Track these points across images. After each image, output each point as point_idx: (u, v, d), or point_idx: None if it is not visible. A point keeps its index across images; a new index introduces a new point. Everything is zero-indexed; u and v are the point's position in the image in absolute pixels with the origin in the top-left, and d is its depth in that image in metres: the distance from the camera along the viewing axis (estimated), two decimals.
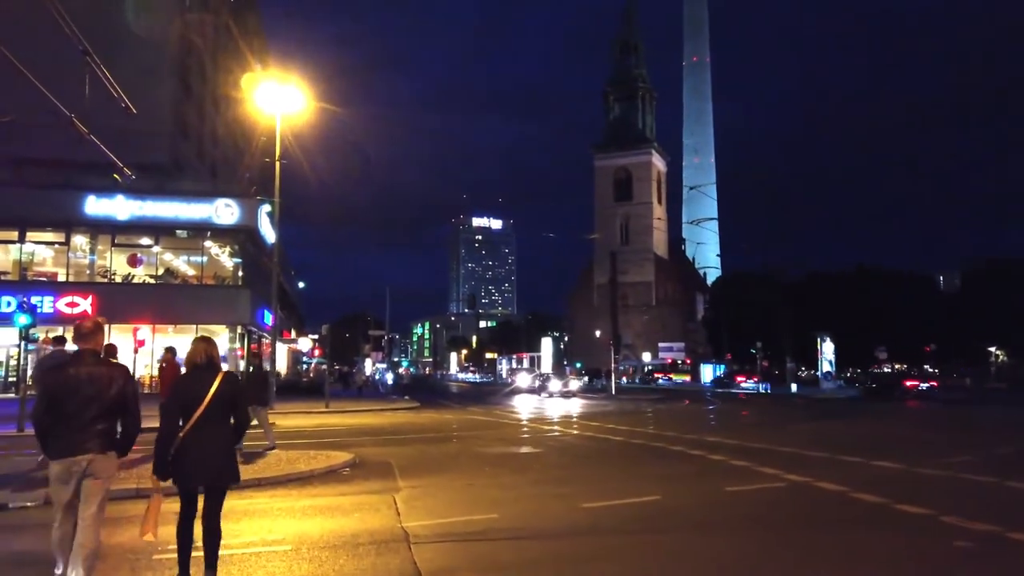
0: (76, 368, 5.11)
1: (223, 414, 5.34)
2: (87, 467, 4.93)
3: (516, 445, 15.21)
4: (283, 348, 62.53)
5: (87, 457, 4.94)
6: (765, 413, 27.94)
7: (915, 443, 16.53)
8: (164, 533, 5.53)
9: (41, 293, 35.36)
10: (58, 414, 4.98)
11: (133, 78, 42.87)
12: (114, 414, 5.14)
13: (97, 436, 5.00)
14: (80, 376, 5.05)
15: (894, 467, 11.77)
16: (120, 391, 5.13)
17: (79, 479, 4.91)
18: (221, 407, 5.29)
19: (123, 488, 8.84)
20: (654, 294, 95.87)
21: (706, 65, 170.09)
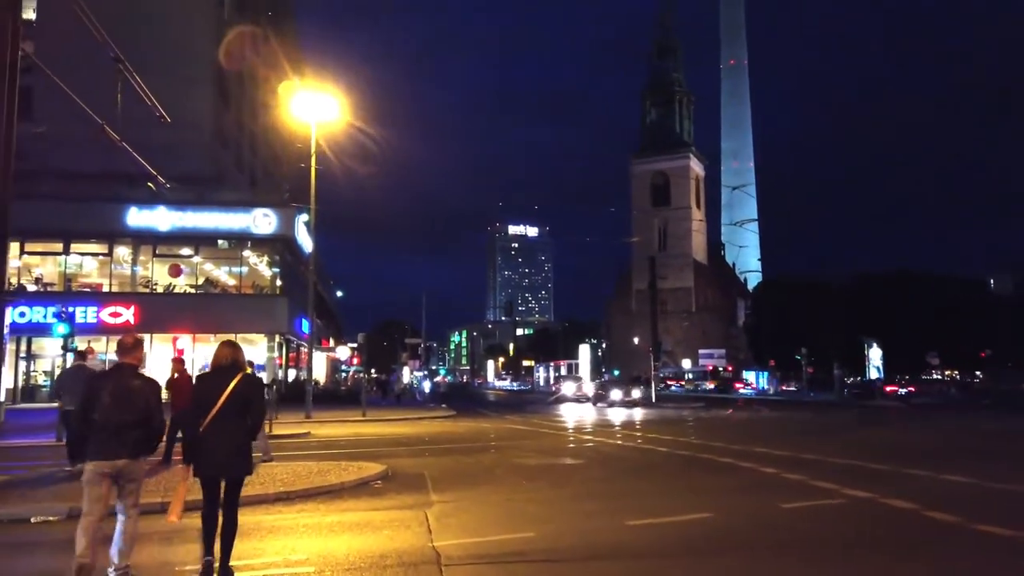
0: (116, 380, 5.69)
1: (240, 411, 5.73)
2: (119, 471, 5.53)
3: (556, 456, 14.64)
4: (322, 357, 62.83)
5: (119, 463, 5.52)
6: (788, 421, 26.90)
7: (981, 454, 15.55)
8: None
9: (85, 304, 35.96)
10: (95, 421, 5.53)
11: (172, 90, 43.57)
12: (144, 424, 5.67)
13: (129, 444, 5.56)
14: (119, 388, 5.62)
15: (963, 481, 10.93)
16: (145, 408, 5.69)
17: (110, 479, 5.51)
18: (238, 405, 5.70)
19: (148, 502, 8.53)
20: (694, 300, 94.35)
21: (744, 68, 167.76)
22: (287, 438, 18.95)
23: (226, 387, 5.73)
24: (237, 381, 5.77)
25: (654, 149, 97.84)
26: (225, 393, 5.69)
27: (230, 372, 5.85)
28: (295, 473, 10.86)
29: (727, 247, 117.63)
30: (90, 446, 5.56)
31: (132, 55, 42.68)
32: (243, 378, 5.86)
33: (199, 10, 45.49)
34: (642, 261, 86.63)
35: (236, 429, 5.72)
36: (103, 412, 5.53)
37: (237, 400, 5.71)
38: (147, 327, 35.83)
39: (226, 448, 5.64)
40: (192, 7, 44.94)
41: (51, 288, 37.20)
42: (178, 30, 43.33)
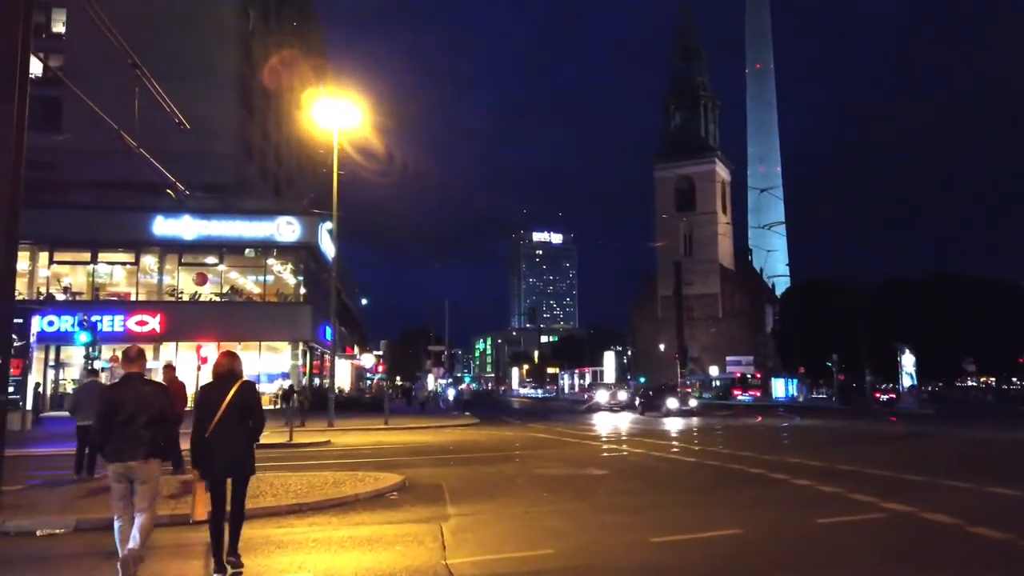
0: (125, 389, 6.17)
1: (241, 416, 6.16)
2: (132, 472, 5.92)
3: (579, 466, 14.21)
4: (346, 364, 62.96)
5: (133, 464, 5.91)
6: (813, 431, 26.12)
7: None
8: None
9: (112, 312, 36.30)
10: (111, 427, 5.97)
11: (197, 100, 44.06)
12: (155, 426, 6.08)
13: (142, 445, 5.93)
14: (128, 396, 6.06)
15: (1009, 494, 10.35)
16: (160, 408, 6.16)
17: (129, 479, 5.92)
18: (238, 410, 6.13)
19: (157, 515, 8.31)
20: (720, 306, 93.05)
21: (770, 72, 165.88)
22: (307, 446, 18.76)
23: (227, 395, 6.14)
24: (236, 388, 6.20)
25: (678, 154, 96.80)
26: (226, 400, 6.11)
27: (229, 380, 6.26)
28: (310, 484, 10.59)
29: (754, 252, 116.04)
30: (108, 450, 5.99)
31: (157, 65, 42.92)
32: (241, 385, 6.27)
33: (224, 21, 45.93)
34: (667, 267, 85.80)
35: (238, 433, 6.18)
36: (116, 418, 5.98)
37: (237, 406, 6.15)
38: (173, 335, 36.12)
39: (230, 451, 6.14)
40: (217, 18, 45.37)
41: (79, 297, 37.58)
42: (203, 41, 43.77)
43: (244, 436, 6.22)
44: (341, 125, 30.92)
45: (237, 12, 46.80)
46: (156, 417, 6.05)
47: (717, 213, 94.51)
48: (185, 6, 43.23)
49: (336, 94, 32.17)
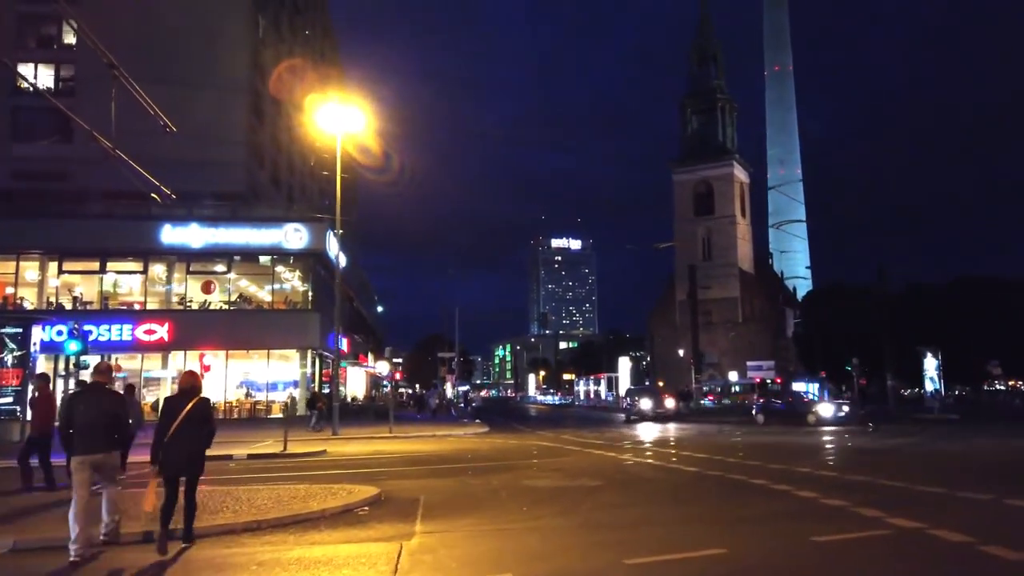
0: (88, 395, 7.71)
1: (197, 424, 7.46)
2: (98, 464, 7.33)
3: (573, 477, 13.55)
4: (360, 372, 62.66)
5: (96, 457, 7.30)
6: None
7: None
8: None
9: (120, 321, 36.20)
10: (74, 424, 7.35)
11: (207, 109, 44.24)
12: (113, 426, 7.48)
13: (102, 441, 7.35)
14: (89, 400, 7.56)
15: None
16: (115, 412, 7.57)
17: (91, 468, 7.26)
18: (194, 420, 7.43)
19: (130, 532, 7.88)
20: (740, 310, 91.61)
21: (789, 74, 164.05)
22: (301, 457, 18.29)
23: (186, 406, 7.45)
24: (195, 402, 7.52)
25: (696, 157, 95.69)
26: (185, 410, 7.40)
27: (190, 394, 7.60)
28: (278, 498, 10.05)
29: (775, 255, 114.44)
30: (76, 445, 7.33)
31: (168, 74, 43.15)
32: (199, 399, 7.60)
33: (234, 29, 45.99)
34: (684, 272, 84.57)
35: (193, 439, 7.44)
36: (81, 418, 7.34)
37: (195, 417, 7.44)
38: (181, 344, 35.94)
39: (184, 453, 7.37)
40: (227, 26, 45.45)
41: (90, 307, 37.56)
42: (213, 49, 43.85)
43: (197, 442, 7.49)
44: (345, 130, 30.65)
45: (247, 20, 46.86)
46: (113, 420, 7.47)
47: (736, 216, 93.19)
48: (194, 15, 43.35)
49: (343, 100, 31.92)
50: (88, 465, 7.22)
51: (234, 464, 16.89)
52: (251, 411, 37.47)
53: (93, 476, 7.31)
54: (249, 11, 47.04)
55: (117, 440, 7.54)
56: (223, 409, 37.05)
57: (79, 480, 7.19)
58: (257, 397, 38.41)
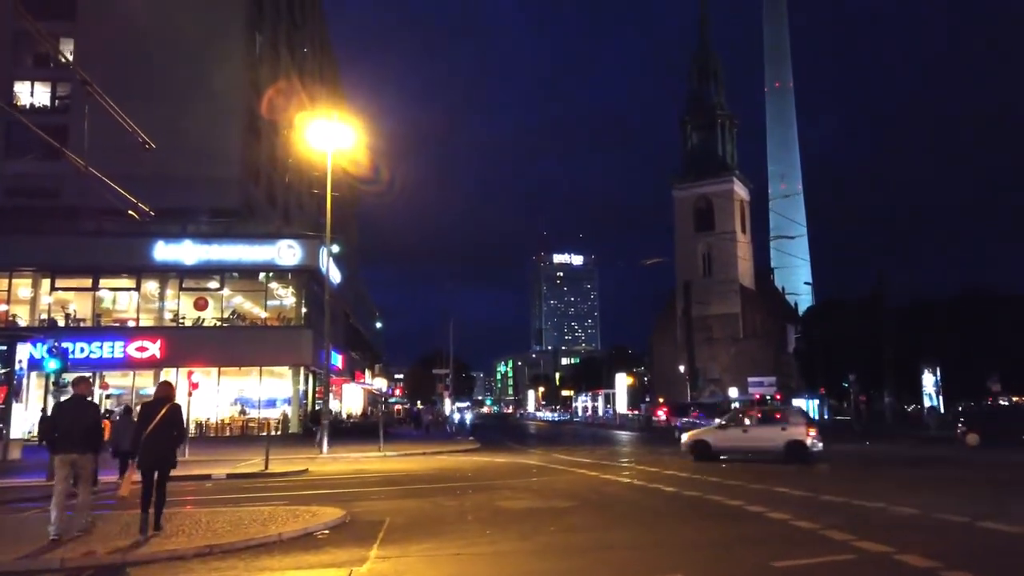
0: (70, 405, 9.26)
1: (168, 427, 9.14)
2: (75, 462, 8.92)
3: (548, 498, 13.35)
4: (357, 389, 62.44)
5: (73, 456, 8.90)
6: None
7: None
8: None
9: (112, 339, 36.10)
10: (57, 429, 8.97)
11: (203, 125, 44.36)
12: (90, 431, 9.12)
13: (80, 443, 8.93)
14: (70, 409, 9.16)
15: (1005, 530, 9.34)
16: (93, 420, 9.33)
17: (69, 466, 8.87)
18: (166, 424, 9.10)
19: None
20: (741, 326, 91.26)
21: (789, 90, 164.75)
22: (280, 476, 18.09)
23: (160, 411, 9.11)
24: (167, 408, 9.21)
25: (696, 173, 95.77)
26: (159, 416, 9.07)
27: (164, 402, 9.32)
28: (238, 521, 9.87)
29: (776, 271, 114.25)
30: (57, 446, 8.94)
31: (164, 91, 43.18)
32: (171, 406, 9.30)
33: (231, 47, 46.20)
34: (683, 288, 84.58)
35: (166, 439, 9.14)
36: (61, 424, 8.99)
37: (167, 421, 9.13)
38: (173, 361, 35.74)
39: (158, 451, 9.05)
40: (224, 44, 45.67)
41: (82, 323, 37.50)
42: (209, 67, 43.99)
43: (168, 442, 9.16)
44: (336, 147, 30.70)
45: (244, 37, 47.05)
46: (90, 426, 9.15)
47: (736, 232, 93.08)
48: (191, 33, 43.53)
49: (342, 116, 32.00)
50: (67, 463, 8.86)
51: (211, 484, 16.71)
52: (243, 428, 37.22)
53: (71, 472, 8.93)
54: (246, 28, 47.28)
55: (92, 444, 9.14)
56: (215, 427, 36.89)
57: (60, 475, 8.92)
58: (251, 414, 38.22)
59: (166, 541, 8.47)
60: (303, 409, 38.87)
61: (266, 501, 12.86)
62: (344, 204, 78.23)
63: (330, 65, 77.58)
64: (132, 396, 35.69)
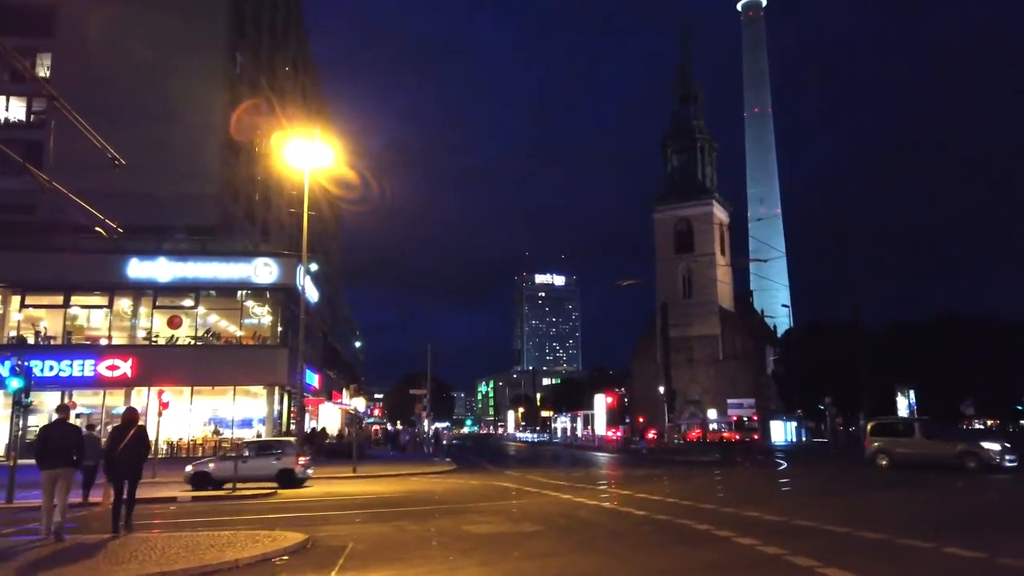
0: (56, 427, 11.19)
1: (136, 446, 11.26)
2: (59, 475, 10.72)
3: (516, 522, 13.18)
4: (335, 409, 61.78)
5: (59, 471, 10.77)
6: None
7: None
8: None
9: (83, 357, 35.51)
10: (46, 448, 10.86)
11: (183, 142, 44.07)
12: (72, 449, 11.02)
13: (64, 460, 10.84)
14: (57, 431, 11.10)
15: (968, 555, 9.32)
16: (75, 439, 11.24)
17: (55, 480, 10.67)
18: (134, 444, 11.22)
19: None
20: (721, 348, 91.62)
21: (768, 115, 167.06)
22: (248, 499, 17.76)
23: (129, 432, 11.17)
24: (135, 430, 11.26)
25: (677, 196, 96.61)
26: (128, 436, 11.13)
27: (131, 425, 11.29)
28: (194, 546, 9.64)
29: (755, 293, 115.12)
30: (46, 462, 10.76)
31: (143, 108, 42.77)
32: (138, 427, 11.41)
33: (212, 65, 46.08)
34: (666, 308, 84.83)
35: (134, 456, 11.25)
36: (49, 443, 10.88)
37: (134, 442, 11.21)
38: (145, 380, 35.21)
39: (127, 466, 11.17)
40: (205, 62, 45.53)
41: (53, 341, 36.87)
42: (188, 84, 43.82)
43: (136, 457, 11.29)
44: (314, 165, 30.56)
45: (225, 56, 46.99)
46: (71, 446, 10.98)
47: (715, 254, 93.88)
48: (172, 50, 43.39)
49: (324, 136, 31.98)
50: (52, 476, 10.68)
51: (175, 507, 16.37)
52: (216, 449, 36.58)
53: (55, 484, 10.67)
54: (227, 46, 47.23)
55: (73, 460, 10.98)
56: (187, 447, 36.26)
57: (46, 488, 10.73)
58: (225, 434, 37.62)
59: (116, 568, 8.23)
60: (277, 429, 38.31)
61: (229, 525, 12.60)
62: (327, 223, 78.03)
63: (313, 85, 77.64)
64: (102, 415, 35.07)
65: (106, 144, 14.93)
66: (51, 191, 13.98)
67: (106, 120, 23.91)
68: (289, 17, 65.35)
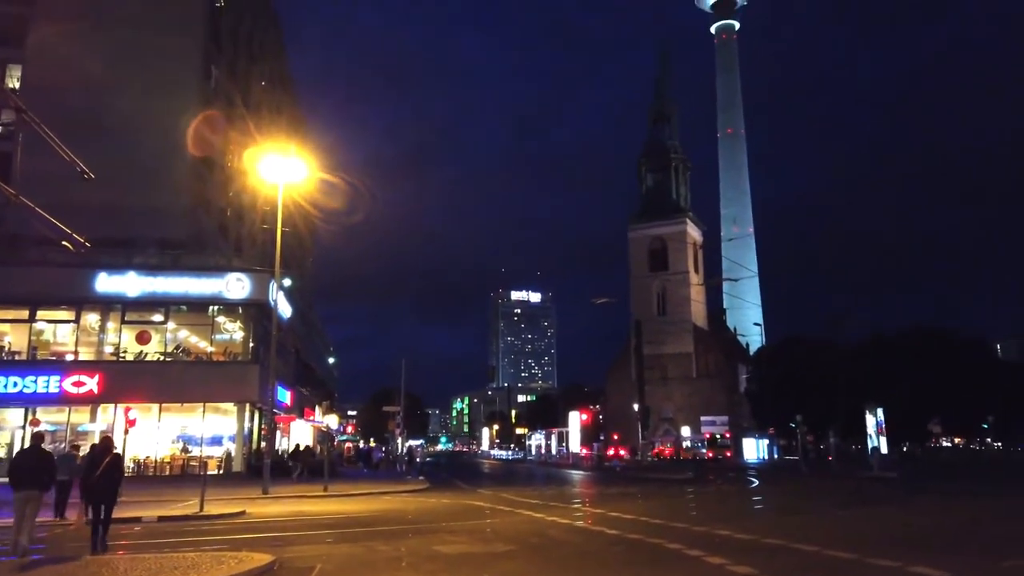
0: (30, 452, 11.98)
1: (111, 471, 11.84)
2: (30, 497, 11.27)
3: (488, 542, 13.10)
4: (307, 426, 61.02)
5: (30, 493, 11.31)
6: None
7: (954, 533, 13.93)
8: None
9: (48, 373, 34.74)
10: (20, 472, 11.49)
11: (155, 156, 43.55)
12: (42, 473, 11.65)
13: (35, 483, 11.37)
14: (31, 456, 11.84)
15: (934, 574, 9.44)
16: (45, 464, 11.88)
17: (27, 501, 11.22)
18: (109, 470, 11.82)
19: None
20: (694, 366, 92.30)
21: (741, 136, 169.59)
22: (215, 519, 17.42)
23: (105, 459, 11.85)
24: (110, 457, 11.99)
25: (651, 215, 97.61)
26: (104, 463, 11.77)
27: (107, 452, 12.07)
28: (156, 569, 9.44)
29: (728, 312, 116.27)
30: (18, 485, 11.27)
31: (116, 121, 42.17)
32: (113, 455, 12.15)
33: (186, 79, 45.68)
34: (640, 326, 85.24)
35: (110, 481, 11.82)
36: (22, 467, 11.55)
37: (110, 466, 11.84)
38: (111, 396, 34.49)
39: (103, 490, 11.74)
40: (178, 76, 45.13)
41: (17, 356, 36.06)
42: (163, 98, 43.41)
43: (111, 482, 11.85)
44: (290, 180, 30.44)
45: (199, 70, 46.62)
46: (41, 471, 11.61)
47: (689, 273, 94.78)
48: (145, 63, 42.99)
49: (291, 150, 31.68)
50: (24, 498, 11.21)
51: (140, 528, 16.02)
52: (184, 467, 35.90)
53: (26, 505, 11.21)
54: (202, 60, 46.86)
55: (43, 483, 11.59)
56: (154, 465, 35.54)
57: (18, 508, 11.26)
58: (193, 452, 36.94)
59: None
60: (247, 447, 37.75)
61: (194, 546, 12.37)
62: (301, 238, 77.41)
63: (289, 100, 77.34)
64: (67, 432, 34.31)
65: (75, 157, 14.77)
66: (18, 204, 13.71)
67: (77, 133, 23.67)
68: (267, 31, 65.18)
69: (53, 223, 15.50)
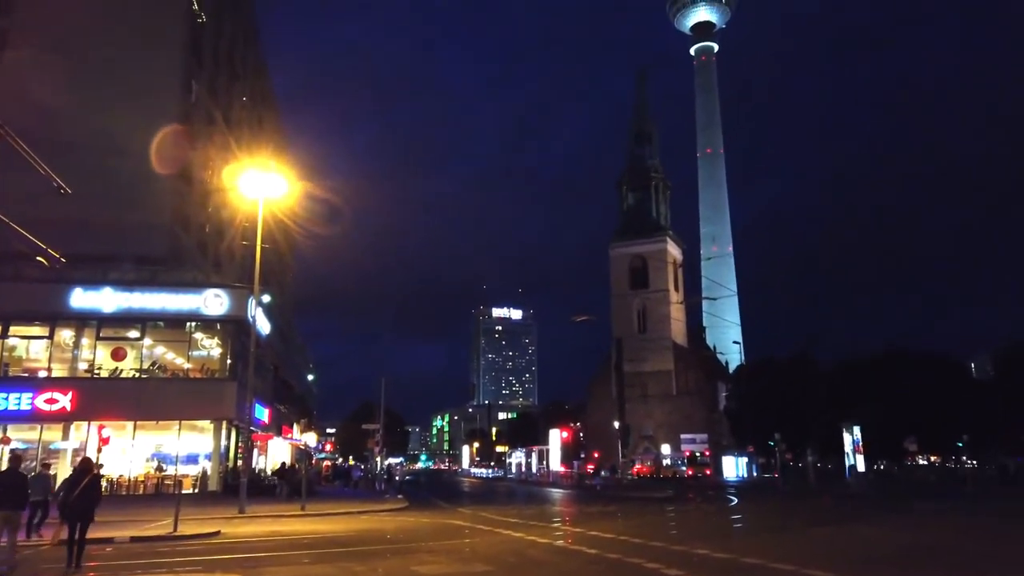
0: (7, 474, 12.61)
1: (89, 491, 12.36)
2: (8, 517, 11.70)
3: (466, 562, 13.00)
4: (284, 444, 60.34)
5: (9, 513, 11.76)
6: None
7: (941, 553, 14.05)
8: None
9: (19, 390, 34.16)
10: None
11: (134, 172, 43.18)
12: (16, 493, 12.11)
13: (10, 503, 11.80)
14: (8, 478, 12.35)
15: None
16: (19, 485, 12.33)
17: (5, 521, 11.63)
18: (87, 490, 12.32)
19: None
20: (674, 383, 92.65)
21: (720, 156, 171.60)
22: (188, 540, 17.13)
23: (84, 480, 12.31)
24: (90, 477, 12.43)
25: (631, 233, 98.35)
26: (83, 483, 12.24)
27: (86, 473, 12.53)
28: None
29: (708, 330, 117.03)
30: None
31: (94, 136, 41.86)
32: (92, 475, 12.60)
33: (166, 94, 45.45)
34: (621, 344, 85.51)
35: (87, 501, 12.27)
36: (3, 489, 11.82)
37: (88, 487, 12.32)
38: (85, 414, 33.93)
39: (81, 510, 12.12)
40: (158, 91, 44.89)
41: None
42: (142, 113, 43.12)
43: (89, 502, 12.26)
44: (269, 196, 30.33)
45: (179, 85, 46.42)
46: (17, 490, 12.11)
47: (669, 291, 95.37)
48: (124, 78, 42.71)
49: (271, 166, 31.56)
50: (3, 518, 11.57)
51: (112, 549, 15.70)
52: (159, 486, 35.30)
53: (5, 524, 11.63)
54: (182, 76, 46.70)
55: (20, 504, 12.17)
56: (128, 484, 34.93)
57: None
58: (169, 471, 36.36)
59: None
60: (224, 466, 37.24)
61: (167, 568, 12.16)
62: (281, 254, 76.97)
63: (271, 116, 77.19)
64: (38, 450, 33.64)
65: (51, 172, 14.64)
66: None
67: (54, 148, 23.43)
68: (248, 47, 65.11)
69: (28, 238, 15.32)
